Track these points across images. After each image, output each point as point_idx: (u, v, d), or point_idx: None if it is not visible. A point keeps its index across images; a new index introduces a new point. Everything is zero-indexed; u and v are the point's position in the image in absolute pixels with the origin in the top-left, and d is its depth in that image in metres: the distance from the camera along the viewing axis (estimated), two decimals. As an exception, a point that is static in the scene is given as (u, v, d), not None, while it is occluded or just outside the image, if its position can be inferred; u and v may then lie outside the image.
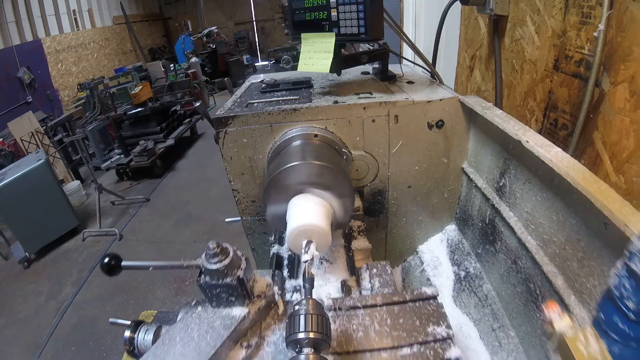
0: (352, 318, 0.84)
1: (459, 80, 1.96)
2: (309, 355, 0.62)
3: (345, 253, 1.21)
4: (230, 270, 0.71)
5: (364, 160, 1.27)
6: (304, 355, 0.62)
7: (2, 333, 2.99)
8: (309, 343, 0.63)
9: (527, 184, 0.95)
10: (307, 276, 0.76)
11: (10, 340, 2.92)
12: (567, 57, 1.12)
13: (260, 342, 0.81)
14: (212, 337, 0.74)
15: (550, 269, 0.89)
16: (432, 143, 1.26)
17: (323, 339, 0.64)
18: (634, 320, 0.44)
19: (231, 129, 1.20)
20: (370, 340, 0.79)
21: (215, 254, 0.70)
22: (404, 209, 1.41)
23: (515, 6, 1.35)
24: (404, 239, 1.53)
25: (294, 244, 0.88)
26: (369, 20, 1.09)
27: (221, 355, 0.74)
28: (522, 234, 0.98)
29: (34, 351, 2.75)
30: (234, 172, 1.29)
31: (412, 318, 0.83)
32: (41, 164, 3.74)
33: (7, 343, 2.89)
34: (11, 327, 3.04)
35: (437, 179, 1.35)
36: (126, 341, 0.83)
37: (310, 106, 1.23)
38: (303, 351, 0.63)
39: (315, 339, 0.62)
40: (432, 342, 0.78)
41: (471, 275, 1.34)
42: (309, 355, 0.62)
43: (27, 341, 2.86)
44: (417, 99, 1.20)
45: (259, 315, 0.82)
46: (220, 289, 0.73)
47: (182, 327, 0.77)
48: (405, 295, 0.89)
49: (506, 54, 1.45)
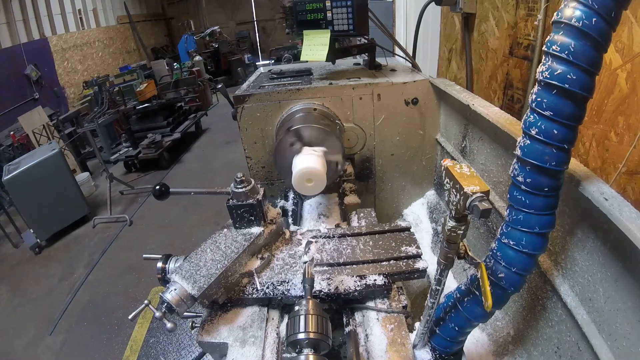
0: (342, 241, 1.10)
1: (440, 70, 2.23)
2: (309, 355, 0.61)
3: (339, 208, 1.47)
4: (251, 193, 0.97)
5: (353, 131, 1.54)
6: (303, 356, 0.62)
7: (16, 312, 3.11)
8: (309, 343, 0.63)
9: (480, 141, 1.21)
10: (307, 276, 0.76)
11: (24, 317, 3.03)
12: (519, 44, 1.39)
13: (271, 257, 1.06)
14: (236, 247, 0.99)
15: (501, 204, 1.14)
16: (410, 117, 1.53)
17: (323, 339, 0.64)
18: (525, 190, 0.69)
19: (247, 105, 1.48)
20: (357, 256, 1.04)
21: (242, 181, 0.95)
22: (389, 175, 1.68)
23: (481, 5, 1.62)
24: (390, 203, 1.79)
25: (298, 184, 1.13)
26: (356, 19, 1.38)
27: (242, 260, 0.99)
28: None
29: (48, 327, 2.86)
30: (248, 142, 1.56)
31: (389, 241, 1.09)
32: (55, 153, 3.93)
33: (21, 320, 3.00)
34: (25, 306, 3.15)
35: (415, 149, 1.62)
36: (159, 270, 1.03)
37: (310, 87, 1.50)
38: (303, 352, 0.63)
39: (315, 339, 0.63)
40: (404, 257, 1.03)
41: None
42: (309, 356, 0.61)
43: (41, 318, 2.97)
44: (396, 81, 1.47)
45: (271, 236, 1.07)
46: (244, 209, 0.98)
47: (212, 242, 1.02)
48: (384, 227, 1.14)
49: (475, 46, 1.72)
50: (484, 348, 1.15)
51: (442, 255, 0.76)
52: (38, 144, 5.02)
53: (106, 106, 5.08)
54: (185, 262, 0.95)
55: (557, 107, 0.62)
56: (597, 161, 1.10)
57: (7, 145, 4.94)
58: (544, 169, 0.67)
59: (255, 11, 11.65)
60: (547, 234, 0.73)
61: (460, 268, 1.47)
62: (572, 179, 0.75)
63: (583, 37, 0.58)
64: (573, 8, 0.58)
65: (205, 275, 0.90)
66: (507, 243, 0.76)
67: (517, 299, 1.06)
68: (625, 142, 0.99)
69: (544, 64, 0.63)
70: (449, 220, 0.70)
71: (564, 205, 0.78)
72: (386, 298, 0.97)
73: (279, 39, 11.26)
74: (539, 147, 0.66)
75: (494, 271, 0.79)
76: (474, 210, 0.61)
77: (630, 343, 0.65)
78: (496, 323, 1.16)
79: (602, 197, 0.67)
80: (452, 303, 0.92)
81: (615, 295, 0.69)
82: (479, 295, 0.80)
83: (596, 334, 0.73)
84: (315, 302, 0.68)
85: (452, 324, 0.92)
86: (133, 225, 4.15)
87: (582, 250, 0.78)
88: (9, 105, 6.21)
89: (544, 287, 0.93)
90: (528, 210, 0.71)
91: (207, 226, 3.81)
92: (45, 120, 5.15)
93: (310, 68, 1.85)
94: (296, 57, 6.79)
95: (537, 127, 0.65)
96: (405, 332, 0.88)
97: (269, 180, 1.66)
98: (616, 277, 0.68)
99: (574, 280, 0.81)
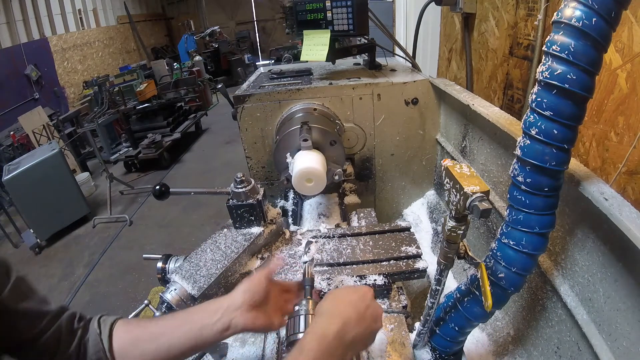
0: (342, 241, 1.10)
1: (440, 70, 2.23)
2: None
3: (339, 208, 1.47)
4: (251, 193, 0.97)
5: (353, 131, 1.54)
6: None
7: (15, 311, 3.17)
8: None
9: (480, 141, 1.21)
10: (307, 276, 0.76)
11: (23, 317, 3.09)
12: (519, 44, 1.39)
13: (271, 257, 1.06)
14: (236, 247, 0.99)
15: (501, 204, 1.14)
16: (409, 117, 1.53)
17: None
18: (525, 190, 0.69)
19: (247, 105, 1.47)
20: (356, 256, 1.04)
21: (242, 181, 0.96)
22: (389, 175, 1.68)
23: (481, 5, 1.62)
24: (390, 203, 1.79)
25: (298, 184, 1.13)
26: (356, 19, 1.38)
27: (242, 260, 1.00)
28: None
29: (47, 327, 2.93)
30: (248, 142, 1.56)
31: (389, 241, 1.09)
32: (55, 153, 3.92)
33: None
34: (24, 305, 3.22)
35: (415, 149, 1.62)
36: (159, 270, 1.04)
37: (310, 87, 1.50)
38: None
39: None
40: (404, 257, 1.03)
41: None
42: None
43: (40, 317, 3.04)
44: (396, 81, 1.47)
45: (271, 236, 1.07)
46: (244, 209, 0.98)
47: (212, 242, 1.03)
48: (384, 227, 1.14)
49: (475, 45, 1.72)
50: (484, 348, 1.15)
51: (442, 255, 0.76)
52: (38, 144, 5.01)
53: (106, 106, 5.09)
54: (185, 262, 0.95)
55: (557, 107, 0.62)
56: (597, 161, 1.10)
57: (7, 145, 4.93)
58: (544, 169, 0.67)
59: (255, 11, 11.65)
60: (547, 234, 0.73)
61: (460, 268, 1.47)
62: (572, 179, 0.75)
63: (583, 37, 0.58)
64: (573, 8, 0.58)
65: (205, 275, 0.90)
66: (507, 243, 0.76)
67: (517, 299, 1.06)
68: (625, 142, 0.99)
69: (544, 64, 0.63)
70: (449, 220, 0.70)
71: (564, 205, 0.78)
72: (386, 298, 0.97)
73: (279, 39, 11.25)
74: (539, 147, 0.66)
75: (494, 271, 0.79)
76: (474, 210, 0.61)
77: (630, 343, 0.65)
78: (496, 323, 1.16)
79: (602, 197, 0.67)
80: (452, 303, 0.92)
81: (615, 295, 0.69)
82: (479, 295, 0.80)
83: (596, 334, 0.73)
84: (315, 302, 0.68)
85: (452, 324, 0.92)
86: (133, 225, 4.15)
87: (582, 250, 0.78)
88: (9, 105, 6.20)
89: (544, 287, 0.93)
90: (528, 210, 0.71)
91: (207, 226, 3.81)
92: (45, 120, 5.14)
93: (310, 68, 1.85)
94: (296, 57, 6.80)
95: (537, 127, 0.65)
96: (405, 332, 0.88)
97: (269, 180, 1.66)
98: (616, 277, 0.68)
99: (574, 280, 0.81)
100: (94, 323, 0.66)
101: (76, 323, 0.65)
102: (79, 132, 4.77)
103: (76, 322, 0.66)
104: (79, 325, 0.65)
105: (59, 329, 0.62)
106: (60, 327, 0.63)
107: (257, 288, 0.67)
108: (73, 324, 0.65)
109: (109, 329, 0.66)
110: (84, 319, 0.68)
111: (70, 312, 0.66)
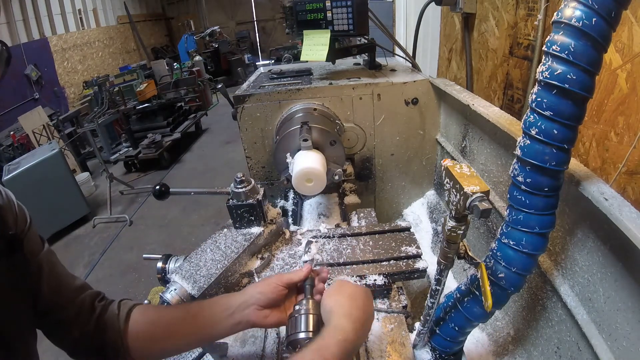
0: (342, 241, 1.10)
1: (440, 70, 2.23)
2: None
3: (339, 208, 1.47)
4: (251, 193, 0.97)
5: (353, 131, 1.54)
6: None
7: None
8: (309, 343, 0.60)
9: (480, 141, 1.21)
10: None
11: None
12: (519, 44, 1.39)
13: (271, 257, 1.06)
14: (236, 247, 0.99)
15: (501, 204, 1.14)
16: (410, 117, 1.53)
17: None
18: (525, 190, 0.69)
19: (247, 105, 1.47)
20: (356, 256, 1.04)
21: (242, 181, 0.96)
22: (389, 175, 1.68)
23: (481, 5, 1.62)
24: (390, 203, 1.79)
25: (298, 184, 1.13)
26: (356, 19, 1.38)
27: (242, 260, 1.00)
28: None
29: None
30: (248, 142, 1.56)
31: (389, 241, 1.09)
32: (55, 153, 3.93)
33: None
34: (24, 305, 3.23)
35: (415, 149, 1.62)
36: (159, 270, 1.04)
37: (310, 87, 1.50)
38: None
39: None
40: (404, 257, 1.03)
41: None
42: None
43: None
44: (396, 81, 1.47)
45: (271, 236, 1.08)
46: (244, 209, 0.98)
47: (212, 242, 1.03)
48: (384, 227, 1.14)
49: (475, 45, 1.72)
50: (484, 348, 1.15)
51: (442, 255, 0.76)
52: (38, 144, 5.01)
53: (106, 106, 5.08)
54: (185, 262, 0.95)
55: (557, 107, 0.62)
56: (597, 161, 1.10)
57: (7, 145, 4.93)
58: (544, 169, 0.67)
59: (255, 11, 11.65)
60: (547, 234, 0.73)
61: (460, 268, 1.47)
62: (572, 179, 0.75)
63: (583, 37, 0.58)
64: (573, 8, 0.58)
65: (205, 275, 0.90)
66: (507, 243, 0.76)
67: (517, 299, 1.06)
68: (625, 142, 0.98)
69: (544, 64, 0.63)
70: (449, 220, 0.70)
71: (564, 205, 0.78)
72: (386, 298, 0.97)
73: (279, 39, 11.25)
74: (539, 147, 0.66)
75: (494, 271, 0.79)
76: (474, 210, 0.61)
77: (630, 343, 0.65)
78: (496, 323, 1.16)
79: (602, 197, 0.67)
80: (452, 303, 0.92)
81: (615, 295, 0.69)
82: (479, 295, 0.80)
83: (596, 334, 0.73)
84: (316, 302, 0.68)
85: (452, 324, 0.92)
86: (133, 225, 4.15)
87: (582, 250, 0.78)
88: (9, 105, 6.20)
89: (544, 287, 0.93)
90: (528, 210, 0.71)
91: (207, 226, 3.81)
92: (45, 120, 5.14)
93: (310, 68, 1.85)
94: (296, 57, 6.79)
95: (537, 127, 0.65)
96: (405, 332, 0.88)
97: (269, 180, 1.65)
98: (616, 277, 0.68)
99: (574, 280, 0.81)
100: (114, 305, 0.70)
101: (97, 302, 0.69)
102: (79, 132, 4.77)
103: (97, 301, 0.69)
104: (100, 304, 0.69)
105: (82, 302, 0.66)
106: (84, 302, 0.67)
107: (273, 295, 0.70)
108: (94, 301, 0.68)
109: (127, 312, 0.69)
110: (106, 299, 0.71)
111: (94, 291, 0.70)
